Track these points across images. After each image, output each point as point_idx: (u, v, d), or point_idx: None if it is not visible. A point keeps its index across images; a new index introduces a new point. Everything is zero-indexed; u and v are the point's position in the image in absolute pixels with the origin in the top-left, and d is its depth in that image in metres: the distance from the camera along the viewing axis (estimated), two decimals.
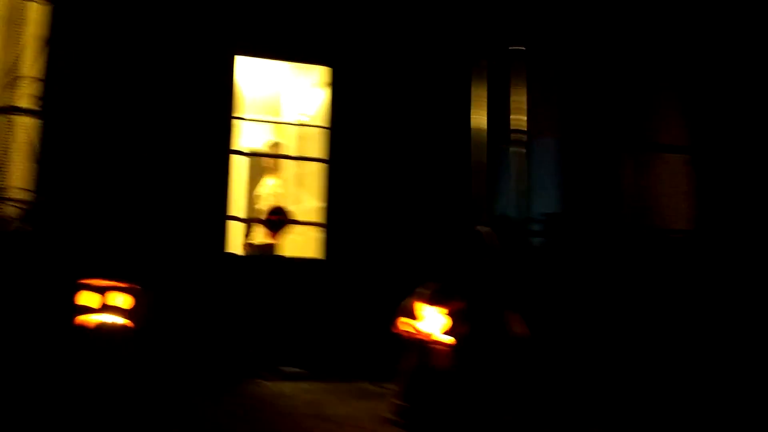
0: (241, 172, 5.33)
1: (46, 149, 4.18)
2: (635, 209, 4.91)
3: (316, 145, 5.04)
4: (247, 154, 5.31)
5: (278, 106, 5.98)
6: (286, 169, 5.66)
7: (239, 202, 5.23)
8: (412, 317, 3.18)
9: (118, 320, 3.32)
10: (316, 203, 5.01)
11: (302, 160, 5.54)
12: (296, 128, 5.72)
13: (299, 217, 5.03)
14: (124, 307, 3.33)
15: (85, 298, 3.31)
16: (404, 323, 3.19)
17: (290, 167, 5.72)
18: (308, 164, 5.39)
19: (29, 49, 4.23)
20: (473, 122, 4.87)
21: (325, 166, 4.86)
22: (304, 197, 5.49)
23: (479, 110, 4.86)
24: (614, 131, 4.89)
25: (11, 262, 3.76)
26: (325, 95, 4.97)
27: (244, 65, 4.81)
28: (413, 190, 4.88)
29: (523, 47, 4.60)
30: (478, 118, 4.86)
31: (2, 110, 4.16)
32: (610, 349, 4.14)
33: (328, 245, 4.75)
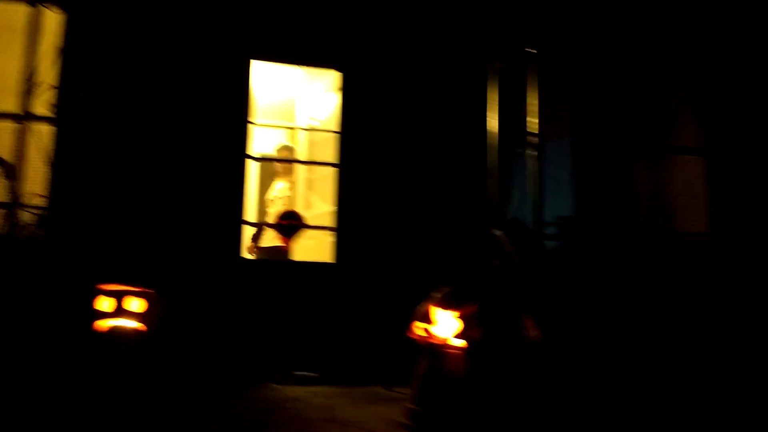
0: (253, 176, 5.36)
1: (62, 155, 4.24)
2: (650, 211, 4.86)
3: (327, 149, 5.06)
4: (259, 159, 5.34)
5: (290, 110, 6.02)
6: (297, 173, 5.69)
7: (251, 206, 5.26)
8: (426, 321, 3.17)
9: (133, 324, 3.36)
10: (328, 207, 5.02)
11: (314, 164, 5.57)
12: (308, 132, 5.75)
13: (311, 221, 5.05)
14: (139, 311, 3.37)
15: (102, 302, 3.35)
16: (418, 327, 3.18)
17: (302, 172, 5.75)
18: (320, 168, 5.41)
19: (45, 56, 4.30)
20: (488, 125, 4.86)
21: (336, 170, 4.87)
22: (315, 201, 5.51)
23: (492, 113, 4.85)
24: (628, 133, 4.85)
25: (31, 267, 3.82)
26: (336, 100, 4.98)
27: (258, 70, 4.84)
28: (425, 193, 4.87)
29: (535, 50, 4.58)
30: (490, 120, 4.86)
31: (18, 117, 4.23)
32: (624, 352, 4.09)
33: (339, 249, 4.75)
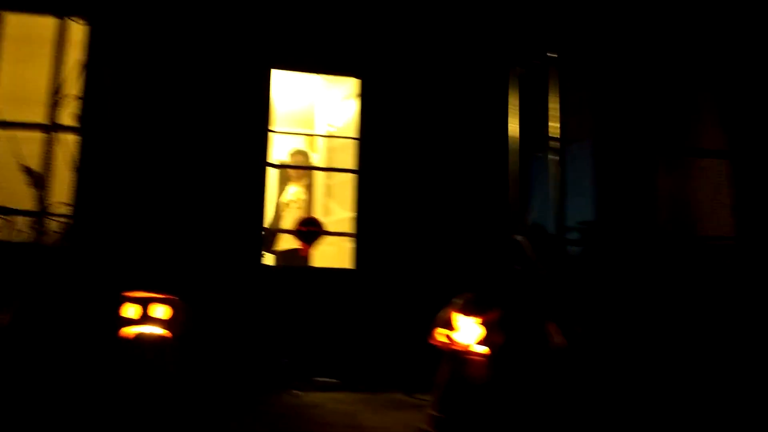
0: (272, 184, 5.40)
1: (87, 165, 4.32)
2: (673, 216, 4.80)
3: (346, 155, 5.08)
4: (278, 166, 5.38)
5: (309, 117, 6.06)
6: (316, 179, 5.72)
7: (269, 213, 5.29)
8: (448, 327, 3.16)
9: (158, 331, 3.40)
10: (347, 213, 5.03)
11: (333, 171, 5.60)
12: (327, 139, 5.78)
13: (330, 227, 5.07)
14: (164, 318, 3.42)
15: (128, 309, 3.40)
16: (440, 333, 3.17)
17: (321, 178, 5.78)
18: (339, 175, 5.43)
19: (71, 68, 4.39)
20: (509, 130, 4.85)
21: (355, 176, 4.89)
22: (334, 208, 5.53)
23: (513, 118, 4.83)
24: (651, 136, 4.80)
25: (58, 275, 3.89)
26: (355, 106, 5.01)
27: (278, 79, 4.89)
28: (446, 199, 4.86)
29: (555, 54, 4.56)
30: (511, 125, 4.84)
31: (46, 127, 4.33)
32: (649, 359, 4.03)
33: (359, 255, 4.76)
